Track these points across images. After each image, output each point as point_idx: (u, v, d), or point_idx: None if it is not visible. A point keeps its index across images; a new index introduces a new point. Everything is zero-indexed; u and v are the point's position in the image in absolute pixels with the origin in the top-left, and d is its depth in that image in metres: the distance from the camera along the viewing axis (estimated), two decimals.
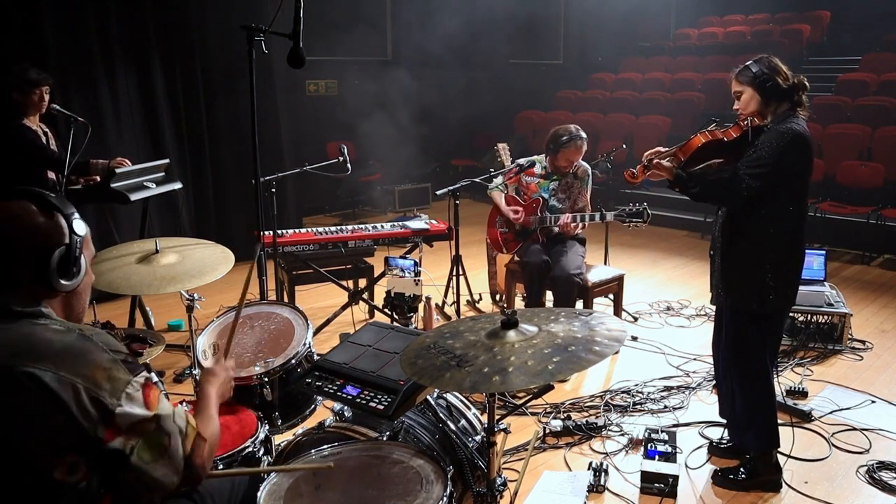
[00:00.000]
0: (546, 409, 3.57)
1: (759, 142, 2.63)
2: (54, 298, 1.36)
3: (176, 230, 5.42)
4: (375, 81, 8.43)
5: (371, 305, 4.82)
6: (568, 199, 4.38)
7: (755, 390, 2.83)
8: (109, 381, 1.27)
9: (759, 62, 2.71)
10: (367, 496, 1.73)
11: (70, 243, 1.34)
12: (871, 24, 9.48)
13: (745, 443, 2.97)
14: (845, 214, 6.51)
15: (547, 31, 10.73)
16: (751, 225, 2.69)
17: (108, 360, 1.29)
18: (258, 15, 5.64)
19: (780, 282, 2.69)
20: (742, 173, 2.62)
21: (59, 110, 3.75)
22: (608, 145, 7.11)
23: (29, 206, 1.31)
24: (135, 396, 1.30)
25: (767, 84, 2.65)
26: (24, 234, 1.30)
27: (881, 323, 4.83)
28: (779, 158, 2.57)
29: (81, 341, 1.29)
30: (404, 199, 8.76)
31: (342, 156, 4.23)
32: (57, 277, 1.32)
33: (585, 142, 4.24)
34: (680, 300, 5.30)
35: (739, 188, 2.61)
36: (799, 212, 2.72)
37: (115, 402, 1.26)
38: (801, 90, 2.68)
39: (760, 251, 2.68)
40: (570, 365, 1.58)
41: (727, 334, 2.87)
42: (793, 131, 2.58)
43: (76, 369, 1.24)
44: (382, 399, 1.95)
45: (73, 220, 1.36)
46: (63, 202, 1.36)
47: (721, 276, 2.81)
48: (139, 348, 2.54)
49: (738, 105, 2.76)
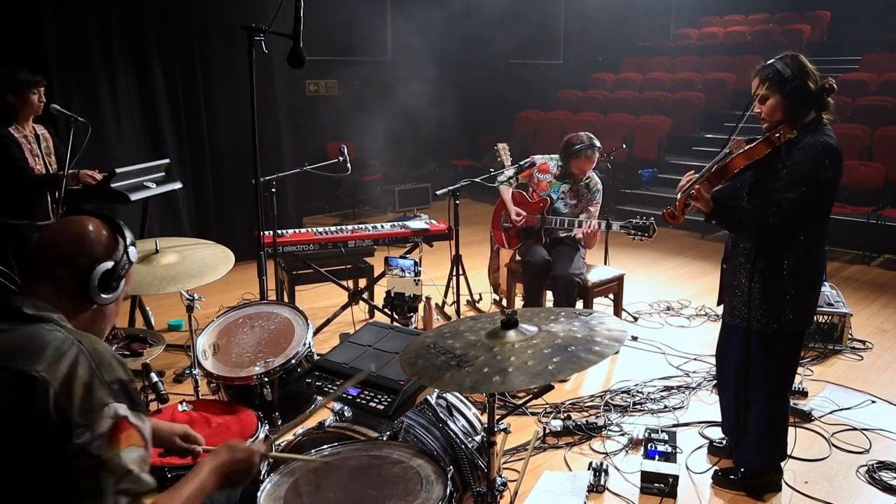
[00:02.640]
0: (546, 409, 3.57)
1: (794, 160, 2.42)
2: (84, 311, 1.39)
3: (176, 230, 5.42)
4: (375, 81, 8.44)
5: (371, 305, 4.82)
6: (576, 206, 4.36)
7: (765, 413, 2.73)
8: (83, 398, 1.20)
9: (786, 62, 2.45)
10: (367, 496, 1.73)
11: (119, 262, 1.40)
12: (871, 24, 9.48)
13: (751, 464, 2.85)
14: (845, 214, 6.50)
15: (547, 31, 10.73)
16: (772, 241, 2.54)
17: (94, 376, 1.23)
18: (258, 15, 5.63)
19: (806, 300, 2.58)
20: (778, 198, 2.42)
21: (59, 110, 3.74)
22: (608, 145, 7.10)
23: (97, 221, 1.42)
24: (103, 426, 1.19)
25: (800, 90, 2.42)
26: (85, 238, 1.38)
27: (881, 323, 4.83)
28: (815, 178, 2.39)
29: (74, 349, 1.25)
30: (404, 199, 8.76)
31: (342, 156, 4.23)
32: (97, 288, 1.37)
33: (598, 151, 4.22)
34: (680, 300, 5.30)
35: (779, 219, 2.42)
36: (824, 226, 2.58)
37: (81, 421, 1.18)
38: (830, 93, 2.46)
39: (782, 269, 2.54)
40: (570, 365, 1.58)
41: (753, 355, 2.70)
42: (828, 146, 2.40)
43: (55, 374, 1.20)
44: (382, 399, 1.95)
45: (131, 247, 1.45)
46: (128, 231, 1.46)
47: (739, 294, 2.65)
48: (139, 348, 2.54)
49: (762, 109, 2.53)
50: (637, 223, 3.99)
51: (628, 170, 8.56)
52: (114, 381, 1.25)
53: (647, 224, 3.96)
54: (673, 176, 8.58)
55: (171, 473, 1.85)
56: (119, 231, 1.45)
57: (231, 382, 2.40)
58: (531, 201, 4.42)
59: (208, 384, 2.48)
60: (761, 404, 2.74)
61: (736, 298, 2.70)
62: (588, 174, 4.33)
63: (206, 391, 2.56)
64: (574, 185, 4.35)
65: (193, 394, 2.70)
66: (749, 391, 2.76)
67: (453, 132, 9.21)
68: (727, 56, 9.88)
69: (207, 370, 2.43)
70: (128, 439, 1.22)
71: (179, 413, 2.24)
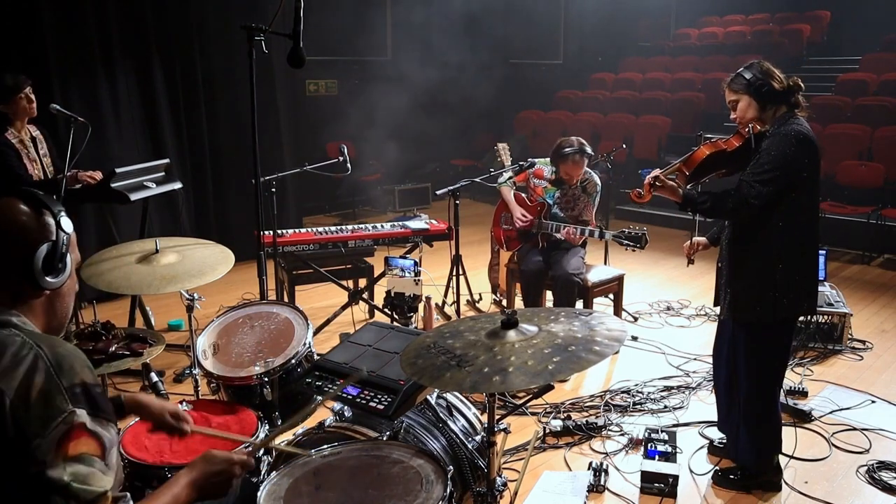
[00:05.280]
0: (546, 409, 3.57)
1: (763, 148, 2.57)
2: (38, 299, 1.33)
3: (176, 230, 5.42)
4: (375, 81, 8.43)
5: (371, 305, 4.82)
6: (571, 211, 4.32)
7: (763, 400, 2.77)
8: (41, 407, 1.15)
9: (750, 68, 2.67)
10: (367, 496, 1.73)
11: (56, 240, 1.31)
12: (871, 24, 9.48)
13: (746, 461, 2.89)
14: (845, 214, 6.50)
15: (547, 31, 10.73)
16: (759, 233, 2.63)
17: (51, 382, 1.17)
18: (258, 15, 5.63)
19: (791, 288, 2.63)
20: (750, 181, 2.55)
21: (59, 110, 3.73)
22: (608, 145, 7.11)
23: (15, 203, 1.31)
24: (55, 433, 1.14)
25: (763, 89, 2.61)
26: (10, 229, 1.29)
27: (881, 323, 4.83)
28: (785, 162, 2.51)
29: (32, 355, 1.20)
30: (404, 199, 8.76)
31: (342, 156, 4.23)
32: (42, 274, 1.29)
33: (587, 157, 4.15)
34: (680, 300, 5.30)
35: (750, 197, 2.54)
36: (810, 214, 2.66)
37: (38, 431, 1.13)
38: (797, 91, 2.65)
39: (771, 260, 2.62)
40: (570, 365, 1.58)
41: (739, 346, 2.78)
42: (796, 132, 2.54)
43: (11, 383, 1.16)
44: (382, 399, 1.95)
45: (61, 217, 1.34)
46: (51, 200, 1.34)
47: (731, 289, 2.73)
48: (139, 348, 2.54)
49: (735, 114, 2.72)
50: (630, 233, 3.93)
51: (628, 170, 8.55)
52: (75, 385, 1.19)
53: (639, 234, 3.91)
54: None
55: (170, 474, 1.85)
56: (43, 205, 1.33)
57: (231, 382, 2.40)
58: (530, 204, 4.40)
59: (208, 384, 2.48)
60: (751, 392, 2.79)
61: (722, 290, 2.82)
62: (586, 175, 4.29)
63: (206, 391, 2.56)
64: (567, 190, 4.30)
65: (193, 394, 2.71)
66: (739, 383, 2.83)
67: (453, 132, 9.20)
68: (727, 56, 9.87)
69: (207, 370, 2.43)
70: (77, 447, 1.16)
71: None
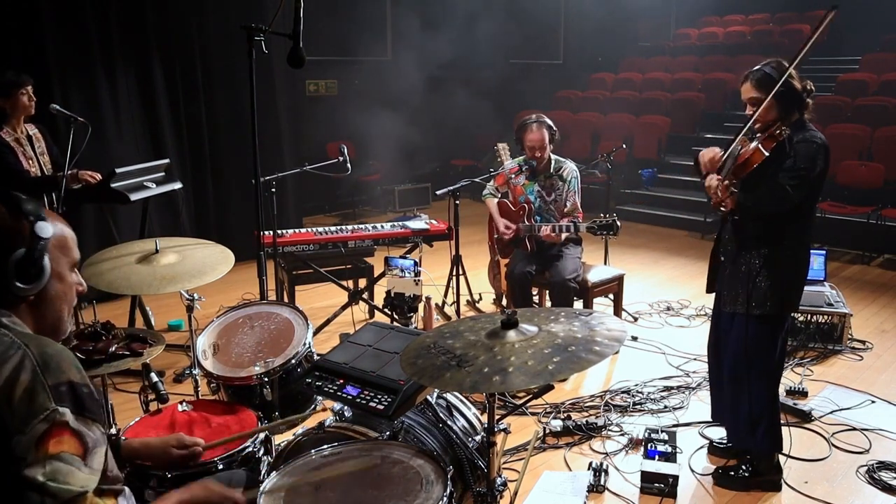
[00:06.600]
0: (546, 409, 3.57)
1: (795, 151, 2.64)
2: (23, 305, 1.29)
3: (176, 230, 5.42)
4: (375, 81, 8.43)
5: (371, 305, 4.82)
6: (554, 202, 4.27)
7: (764, 393, 2.82)
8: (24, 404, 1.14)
9: (773, 67, 2.69)
10: (367, 496, 1.73)
11: (31, 245, 1.26)
12: (871, 24, 9.48)
13: (748, 446, 2.95)
14: (845, 214, 6.51)
15: (547, 31, 10.73)
16: (770, 229, 2.73)
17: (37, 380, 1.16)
18: (258, 15, 5.64)
19: (796, 283, 2.78)
20: (789, 183, 2.62)
21: (59, 110, 3.73)
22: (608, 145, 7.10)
23: None
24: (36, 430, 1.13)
25: (791, 94, 2.67)
26: None
27: (881, 323, 4.83)
28: (813, 167, 2.63)
29: (19, 354, 1.19)
30: (404, 199, 8.76)
31: (342, 156, 4.23)
32: (14, 280, 1.25)
33: (545, 126, 4.17)
34: (680, 300, 5.30)
35: (787, 199, 2.62)
36: (812, 214, 2.81)
37: (20, 427, 1.12)
38: (809, 94, 2.72)
39: (780, 255, 2.73)
40: (570, 365, 1.58)
41: (742, 338, 2.82)
42: (821, 140, 2.65)
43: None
44: (382, 399, 1.95)
45: (38, 222, 1.28)
46: (32, 205, 1.29)
47: (738, 282, 2.80)
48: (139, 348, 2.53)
49: (755, 112, 2.71)
50: (601, 222, 3.98)
51: (628, 170, 8.56)
52: (61, 384, 1.18)
53: (610, 222, 3.97)
54: (673, 176, 8.59)
55: (170, 474, 1.85)
56: (17, 207, 1.27)
57: (231, 382, 2.40)
58: (514, 209, 4.35)
59: (208, 384, 2.48)
60: (753, 384, 2.83)
61: (724, 283, 2.89)
62: (560, 164, 4.25)
63: (206, 391, 2.56)
64: (544, 179, 4.26)
65: (193, 394, 2.70)
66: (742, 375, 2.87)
67: (453, 132, 9.20)
68: (727, 56, 9.88)
69: (207, 370, 2.43)
70: (58, 445, 1.14)
71: (179, 413, 2.23)
